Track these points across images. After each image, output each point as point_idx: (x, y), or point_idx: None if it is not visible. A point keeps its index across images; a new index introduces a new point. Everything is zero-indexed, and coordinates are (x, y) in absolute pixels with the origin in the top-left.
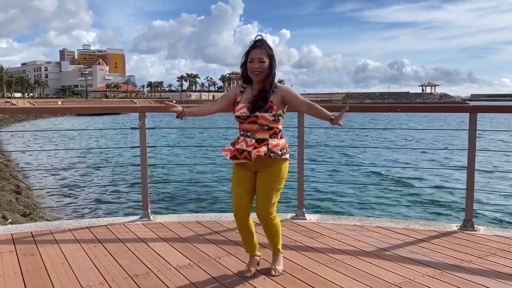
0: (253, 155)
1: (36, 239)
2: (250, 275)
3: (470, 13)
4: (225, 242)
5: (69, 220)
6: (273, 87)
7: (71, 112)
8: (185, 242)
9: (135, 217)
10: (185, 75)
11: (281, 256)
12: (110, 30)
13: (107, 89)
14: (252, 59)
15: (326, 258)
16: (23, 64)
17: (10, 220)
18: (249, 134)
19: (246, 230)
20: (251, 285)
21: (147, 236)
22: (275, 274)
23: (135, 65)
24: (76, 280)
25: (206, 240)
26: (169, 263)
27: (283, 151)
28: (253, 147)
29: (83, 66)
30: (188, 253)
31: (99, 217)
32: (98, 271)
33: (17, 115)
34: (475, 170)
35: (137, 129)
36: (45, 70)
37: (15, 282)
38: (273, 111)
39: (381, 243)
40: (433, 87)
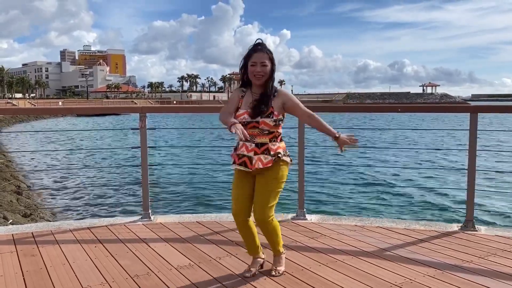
0: (255, 164)
1: (37, 239)
2: (250, 275)
3: (470, 13)
4: (225, 243)
5: (69, 221)
6: (273, 91)
7: (71, 113)
8: (186, 243)
9: (135, 218)
10: (185, 75)
11: (282, 257)
12: (111, 30)
13: (107, 89)
14: (255, 62)
15: (327, 258)
16: (24, 64)
17: (11, 221)
18: (249, 138)
19: (246, 232)
20: (252, 285)
21: (148, 236)
22: (275, 274)
23: (136, 66)
24: (77, 281)
25: (207, 240)
26: (169, 263)
27: (282, 153)
28: (253, 151)
29: (83, 66)
30: (189, 253)
31: (99, 217)
32: (99, 271)
33: (18, 116)
34: (476, 170)
35: (137, 129)
36: (45, 71)
37: (16, 282)
38: (274, 116)
39: (382, 243)
40: (434, 87)
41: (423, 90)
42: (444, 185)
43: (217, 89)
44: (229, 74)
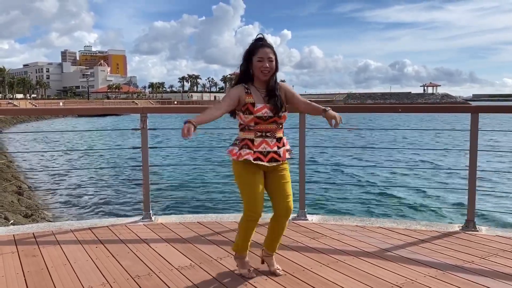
0: (282, 155)
1: (38, 240)
2: (251, 275)
3: (471, 13)
4: (226, 243)
5: (71, 221)
6: (277, 85)
7: (72, 113)
8: (187, 243)
9: (136, 218)
10: (186, 76)
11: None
12: (112, 31)
13: (108, 90)
14: (262, 58)
15: (328, 258)
16: (25, 65)
17: (12, 221)
18: (269, 134)
19: (253, 230)
20: (253, 285)
21: (149, 237)
22: (281, 273)
23: (137, 66)
24: (78, 281)
25: (208, 240)
26: (170, 263)
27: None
28: (276, 146)
29: (84, 67)
30: (190, 253)
31: (100, 218)
32: (100, 272)
33: (19, 116)
34: (476, 170)
35: (138, 130)
36: (46, 71)
37: (17, 283)
38: (286, 109)
39: (383, 243)
40: (434, 87)
41: (424, 90)
42: (445, 185)
43: (217, 89)
44: (229, 75)
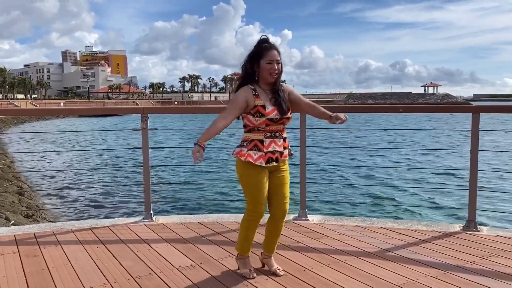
0: (286, 155)
1: (39, 240)
2: (254, 275)
3: (471, 13)
4: (227, 243)
5: (71, 221)
6: (280, 86)
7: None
8: (188, 243)
9: (137, 218)
10: (187, 76)
11: None
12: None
13: (109, 90)
14: (271, 60)
15: (329, 259)
16: (25, 65)
17: (13, 221)
18: (277, 134)
19: (255, 230)
20: (254, 285)
21: (150, 237)
22: (282, 274)
23: (137, 66)
24: (79, 281)
25: (209, 241)
26: (171, 264)
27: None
28: (282, 146)
29: (85, 67)
30: (191, 254)
31: (101, 218)
32: (101, 272)
33: (19, 117)
34: (478, 170)
35: (139, 130)
36: (47, 72)
37: (18, 283)
38: (291, 110)
39: (384, 243)
40: (435, 87)
41: (425, 90)
42: (446, 186)
43: (218, 89)
44: (230, 75)
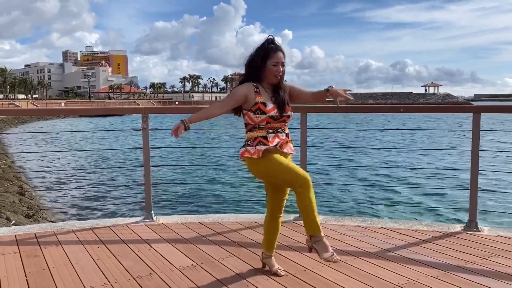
0: (289, 150)
1: (40, 240)
2: (281, 274)
3: (472, 13)
4: (228, 243)
5: (72, 221)
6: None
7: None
8: (188, 243)
9: (138, 218)
10: (187, 76)
11: None
12: (113, 31)
13: (110, 90)
14: (277, 62)
15: None
16: (26, 65)
17: (13, 222)
18: (279, 130)
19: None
20: (254, 286)
21: (150, 237)
22: (283, 274)
23: (138, 66)
24: (80, 281)
25: (209, 241)
26: (172, 264)
27: None
28: (286, 141)
29: (86, 67)
30: (191, 254)
31: (102, 218)
32: (102, 272)
33: (20, 117)
34: (478, 170)
35: (140, 130)
36: (48, 72)
37: (18, 283)
38: (290, 108)
39: (384, 243)
40: (436, 87)
41: (426, 90)
42: (447, 186)
43: (219, 89)
44: (231, 75)
